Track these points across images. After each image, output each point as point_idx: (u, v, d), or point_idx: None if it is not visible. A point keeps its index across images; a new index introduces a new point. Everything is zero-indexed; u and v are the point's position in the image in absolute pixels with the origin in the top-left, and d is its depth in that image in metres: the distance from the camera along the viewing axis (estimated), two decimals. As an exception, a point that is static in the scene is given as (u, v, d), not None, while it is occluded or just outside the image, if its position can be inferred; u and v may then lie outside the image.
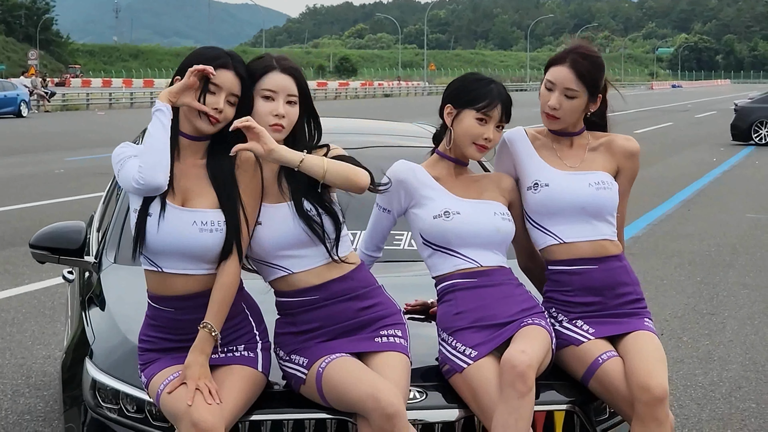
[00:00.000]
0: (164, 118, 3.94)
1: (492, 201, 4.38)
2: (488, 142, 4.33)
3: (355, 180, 4.00)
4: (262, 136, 3.89)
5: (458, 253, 4.30)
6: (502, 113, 4.34)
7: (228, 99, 3.99)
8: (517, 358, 3.94)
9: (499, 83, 4.41)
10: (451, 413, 4.06)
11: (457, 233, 4.28)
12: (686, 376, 7.98)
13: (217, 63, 3.98)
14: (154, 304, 4.06)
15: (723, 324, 9.68)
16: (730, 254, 13.29)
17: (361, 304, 4.10)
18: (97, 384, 4.19)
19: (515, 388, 3.90)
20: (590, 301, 4.39)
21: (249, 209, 4.01)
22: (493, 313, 4.23)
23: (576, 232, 4.41)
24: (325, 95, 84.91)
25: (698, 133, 38.61)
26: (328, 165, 3.96)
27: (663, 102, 76.64)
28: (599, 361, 4.23)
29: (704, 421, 6.97)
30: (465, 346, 4.16)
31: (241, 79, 4.01)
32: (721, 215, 16.78)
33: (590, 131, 4.57)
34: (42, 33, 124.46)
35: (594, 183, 4.41)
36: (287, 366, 4.08)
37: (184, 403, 3.77)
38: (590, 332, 4.33)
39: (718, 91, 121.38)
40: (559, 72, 4.43)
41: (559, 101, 4.41)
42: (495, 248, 4.34)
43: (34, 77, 59.79)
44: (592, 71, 4.42)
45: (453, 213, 4.29)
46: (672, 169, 24.42)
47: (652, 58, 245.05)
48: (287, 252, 4.07)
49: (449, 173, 4.41)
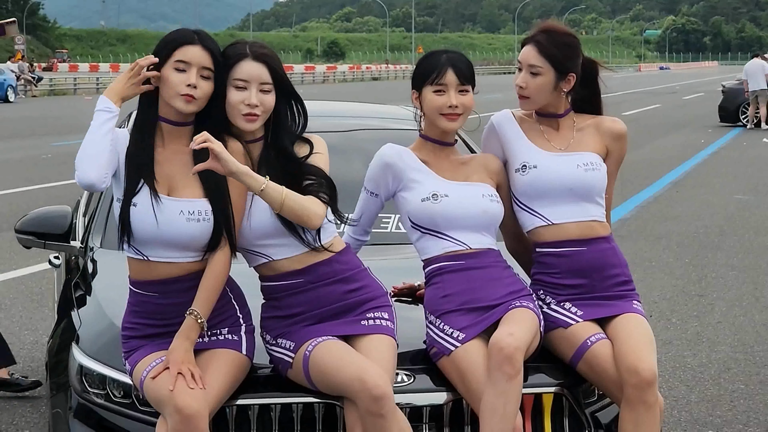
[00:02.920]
0: (104, 117, 3.93)
1: (480, 183, 4.37)
2: (455, 108, 4.29)
3: (306, 220, 3.99)
4: (222, 157, 3.83)
5: (447, 236, 4.29)
6: (458, 76, 4.29)
7: (201, 74, 3.95)
8: (504, 340, 3.92)
9: (451, 52, 4.38)
10: (439, 396, 4.06)
11: (445, 216, 4.27)
12: (675, 357, 7.98)
13: (182, 40, 3.97)
14: (137, 290, 4.04)
15: (711, 305, 9.69)
16: (718, 236, 13.29)
17: (347, 287, 4.08)
18: (83, 369, 4.18)
19: (503, 371, 3.88)
20: (578, 283, 4.37)
21: (240, 198, 3.99)
22: (481, 295, 4.22)
23: (564, 213, 4.39)
24: (312, 79, 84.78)
25: (686, 115, 38.61)
26: (286, 199, 3.93)
27: (650, 84, 76.60)
28: (588, 343, 4.21)
29: (693, 403, 6.97)
30: (452, 329, 4.15)
31: (211, 53, 3.98)
32: (708, 197, 16.79)
33: (578, 113, 4.55)
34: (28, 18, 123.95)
35: (582, 164, 4.39)
36: (274, 350, 4.06)
37: (167, 388, 3.75)
38: (578, 314, 4.32)
39: (706, 73, 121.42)
40: (525, 51, 4.44)
41: (524, 80, 4.40)
42: (483, 230, 4.33)
43: (20, 62, 59.54)
44: (556, 47, 4.39)
45: (441, 196, 4.27)
46: (660, 151, 24.42)
47: (639, 41, 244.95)
48: (267, 241, 4.05)
49: (436, 156, 4.39)
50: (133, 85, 3.96)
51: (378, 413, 3.74)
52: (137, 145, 3.99)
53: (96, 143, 3.91)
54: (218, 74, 3.99)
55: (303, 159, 4.10)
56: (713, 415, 6.78)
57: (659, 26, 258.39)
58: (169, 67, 3.95)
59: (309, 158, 4.10)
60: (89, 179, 3.91)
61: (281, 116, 4.11)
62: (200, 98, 3.96)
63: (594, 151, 4.45)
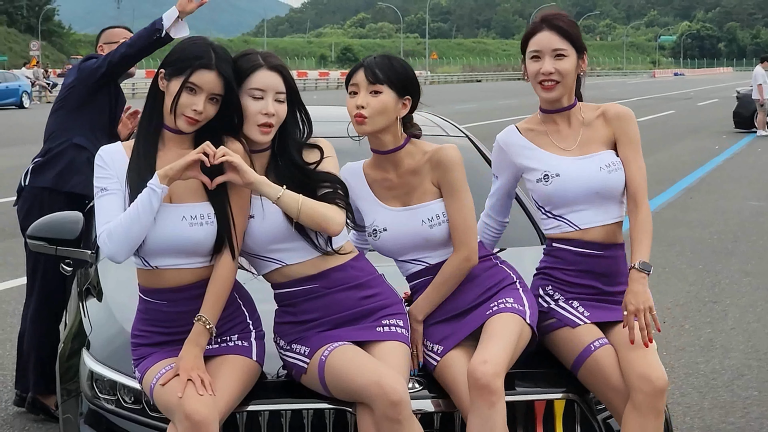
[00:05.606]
0: (155, 199, 3.83)
1: (425, 204, 4.26)
2: (361, 109, 4.13)
3: (325, 227, 3.97)
4: (241, 169, 3.85)
5: (407, 261, 4.31)
6: (366, 78, 4.16)
7: (209, 98, 3.93)
8: (478, 370, 3.84)
9: (379, 56, 4.23)
10: (451, 403, 4.03)
11: (382, 249, 4.34)
12: (688, 364, 7.96)
13: (199, 63, 3.91)
14: (146, 298, 4.04)
15: (725, 312, 9.66)
16: (732, 242, 13.26)
17: (362, 293, 4.08)
18: (94, 375, 4.18)
19: (483, 400, 3.83)
20: (590, 284, 4.35)
21: (242, 201, 3.99)
22: (454, 304, 4.21)
23: (590, 217, 4.35)
24: (326, 85, 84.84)
25: (700, 121, 38.54)
26: (303, 206, 3.93)
27: (665, 90, 76.52)
28: (591, 348, 4.18)
29: (706, 410, 6.95)
30: (432, 343, 4.15)
31: (225, 78, 3.93)
32: (722, 203, 16.76)
33: (584, 103, 4.49)
34: (44, 24, 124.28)
35: (605, 166, 4.34)
36: (288, 355, 4.05)
37: (176, 395, 3.75)
38: (585, 315, 4.29)
39: (721, 79, 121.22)
40: (542, 37, 4.36)
41: (552, 64, 4.33)
42: (430, 250, 4.27)
43: (35, 68, 59.82)
44: (572, 27, 4.36)
45: (380, 231, 4.27)
46: (674, 157, 24.37)
47: (654, 46, 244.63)
48: (279, 245, 4.04)
49: (380, 169, 4.32)
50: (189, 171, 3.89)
51: (395, 418, 3.72)
52: (140, 155, 3.96)
53: (143, 226, 3.85)
54: (227, 94, 3.97)
55: (314, 165, 4.09)
56: (726, 422, 6.76)
57: (674, 32, 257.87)
58: (179, 84, 3.91)
59: (320, 164, 4.10)
60: (118, 259, 3.91)
61: (288, 125, 4.11)
62: (202, 121, 3.95)
63: (609, 148, 4.39)
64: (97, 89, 6.33)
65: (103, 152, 4.02)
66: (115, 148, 4.04)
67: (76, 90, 6.38)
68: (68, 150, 6.39)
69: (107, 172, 3.96)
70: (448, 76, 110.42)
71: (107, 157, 4.00)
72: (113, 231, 3.85)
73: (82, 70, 6.37)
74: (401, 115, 4.22)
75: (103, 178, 3.96)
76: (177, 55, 3.98)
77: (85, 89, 6.34)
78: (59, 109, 6.48)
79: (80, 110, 6.38)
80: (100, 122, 6.40)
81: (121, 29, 6.77)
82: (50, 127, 6.55)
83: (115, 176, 3.95)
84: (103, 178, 3.96)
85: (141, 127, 4.04)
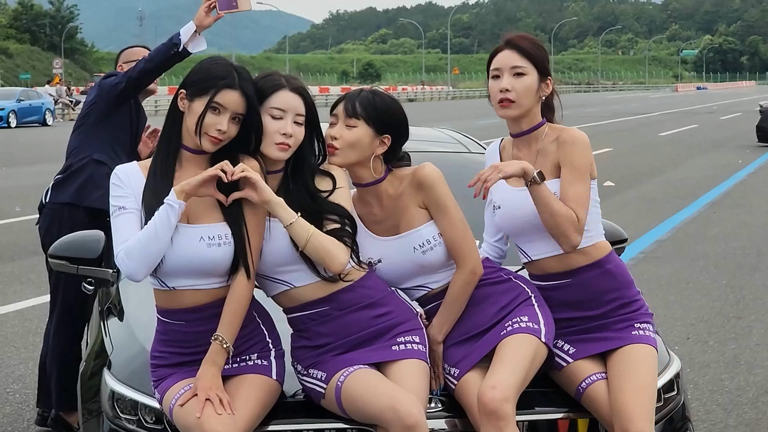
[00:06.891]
0: (173, 215, 3.83)
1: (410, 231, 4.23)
2: (334, 140, 4.12)
3: (327, 263, 3.96)
4: (259, 187, 3.86)
5: (417, 286, 4.28)
6: (344, 110, 4.15)
7: (232, 118, 3.92)
8: (487, 395, 3.81)
9: (366, 91, 4.24)
10: (470, 423, 4.00)
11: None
12: (712, 380, 7.90)
13: (223, 83, 3.91)
14: (164, 319, 4.03)
15: (749, 327, 9.60)
16: (756, 256, 13.19)
17: (375, 312, 4.06)
18: (115, 395, 4.16)
19: (491, 425, 3.80)
20: (571, 316, 4.23)
21: (257, 220, 3.97)
22: (471, 322, 4.16)
23: (539, 248, 4.26)
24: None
25: (723, 135, 38.43)
26: (311, 239, 3.91)
27: (688, 104, 76.34)
28: (579, 390, 4.10)
29: (731, 427, 6.90)
30: (449, 366, 4.12)
31: (248, 98, 3.93)
32: (746, 217, 16.67)
33: (552, 125, 4.34)
34: (66, 42, 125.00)
35: None
36: (306, 380, 4.04)
37: (195, 415, 3.74)
38: (570, 353, 4.19)
39: (743, 92, 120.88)
40: (502, 56, 4.31)
41: (509, 82, 4.24)
42: (430, 273, 4.24)
43: (58, 86, 60.12)
44: (534, 48, 4.29)
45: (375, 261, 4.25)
46: (697, 171, 24.31)
47: (676, 60, 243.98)
48: (288, 267, 4.03)
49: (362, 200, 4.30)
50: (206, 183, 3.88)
51: (412, 441, 3.70)
52: (157, 175, 3.95)
53: (162, 243, 3.85)
54: (248, 113, 3.96)
55: (327, 195, 4.08)
56: (752, 439, 6.70)
57: (696, 46, 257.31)
58: (204, 104, 3.90)
59: (332, 194, 4.08)
60: (137, 278, 3.91)
61: (305, 148, 4.09)
62: (225, 140, 3.94)
63: (555, 176, 4.21)
64: (117, 105, 6.35)
65: (120, 171, 4.02)
66: (131, 168, 4.04)
67: (97, 106, 6.40)
68: (88, 165, 6.40)
69: (124, 191, 3.96)
70: (470, 91, 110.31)
71: (124, 176, 4.00)
72: (131, 249, 3.84)
73: (103, 86, 6.39)
74: (378, 153, 4.19)
75: (120, 197, 3.96)
76: (199, 75, 3.97)
77: (106, 105, 6.36)
78: (80, 126, 6.50)
79: (100, 126, 6.40)
80: (121, 139, 6.42)
81: (140, 48, 6.79)
82: (72, 144, 6.57)
83: (132, 195, 3.94)
84: (120, 197, 3.95)
85: (159, 147, 4.03)
